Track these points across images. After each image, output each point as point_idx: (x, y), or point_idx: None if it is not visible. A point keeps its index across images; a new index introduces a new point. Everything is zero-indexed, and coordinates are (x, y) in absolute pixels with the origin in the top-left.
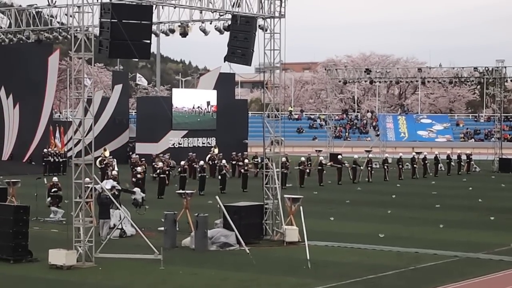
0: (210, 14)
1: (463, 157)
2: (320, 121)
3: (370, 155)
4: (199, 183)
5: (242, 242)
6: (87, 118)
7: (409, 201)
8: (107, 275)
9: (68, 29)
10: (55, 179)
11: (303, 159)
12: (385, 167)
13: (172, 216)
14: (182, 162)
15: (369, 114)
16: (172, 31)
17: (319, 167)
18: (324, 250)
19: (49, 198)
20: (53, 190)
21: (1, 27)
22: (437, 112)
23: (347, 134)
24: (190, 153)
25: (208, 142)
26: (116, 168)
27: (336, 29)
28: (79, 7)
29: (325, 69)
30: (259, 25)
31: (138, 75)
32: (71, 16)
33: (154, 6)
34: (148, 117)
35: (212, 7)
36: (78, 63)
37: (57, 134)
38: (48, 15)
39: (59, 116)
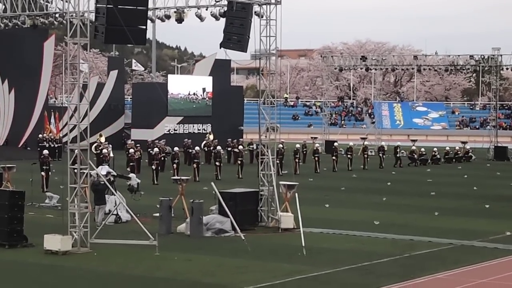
0: (206, 0)
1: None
2: (316, 108)
3: (366, 143)
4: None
5: (237, 228)
6: (82, 103)
7: (404, 188)
8: (102, 261)
9: (64, 14)
10: (45, 152)
11: (298, 146)
12: (381, 154)
13: (167, 202)
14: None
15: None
16: (168, 17)
17: (316, 155)
18: (319, 237)
19: None
20: None
21: None
22: (432, 100)
23: (342, 121)
24: (186, 139)
25: (204, 129)
26: (111, 154)
27: (332, 16)
28: None
29: (321, 56)
30: (255, 12)
31: (133, 61)
32: (66, 1)
33: None
34: (143, 103)
35: None
36: (73, 48)
37: (52, 120)
38: (43, 0)
39: (55, 101)
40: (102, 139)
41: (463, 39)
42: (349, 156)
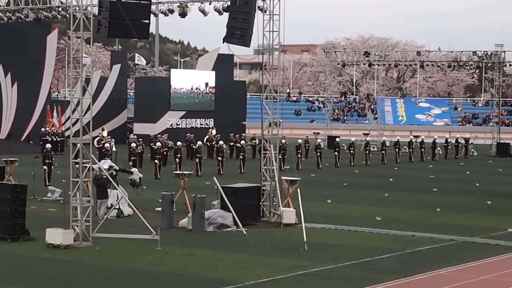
0: None
1: (461, 141)
2: (318, 103)
3: (368, 138)
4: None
5: (239, 223)
6: (85, 97)
7: (407, 184)
8: (104, 255)
9: (67, 8)
10: (48, 145)
11: (300, 141)
12: (383, 150)
13: (169, 197)
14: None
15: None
16: (171, 11)
17: (318, 150)
18: (321, 233)
19: None
20: None
21: (0, 6)
22: (435, 96)
23: (345, 116)
24: (188, 134)
25: (206, 123)
26: (114, 148)
27: (335, 11)
28: None
29: (324, 52)
30: (259, 6)
31: (136, 55)
32: None
33: None
34: (146, 97)
35: None
36: (76, 42)
37: (55, 114)
38: None
39: (57, 95)
40: (105, 133)
41: (466, 35)
42: (351, 151)
